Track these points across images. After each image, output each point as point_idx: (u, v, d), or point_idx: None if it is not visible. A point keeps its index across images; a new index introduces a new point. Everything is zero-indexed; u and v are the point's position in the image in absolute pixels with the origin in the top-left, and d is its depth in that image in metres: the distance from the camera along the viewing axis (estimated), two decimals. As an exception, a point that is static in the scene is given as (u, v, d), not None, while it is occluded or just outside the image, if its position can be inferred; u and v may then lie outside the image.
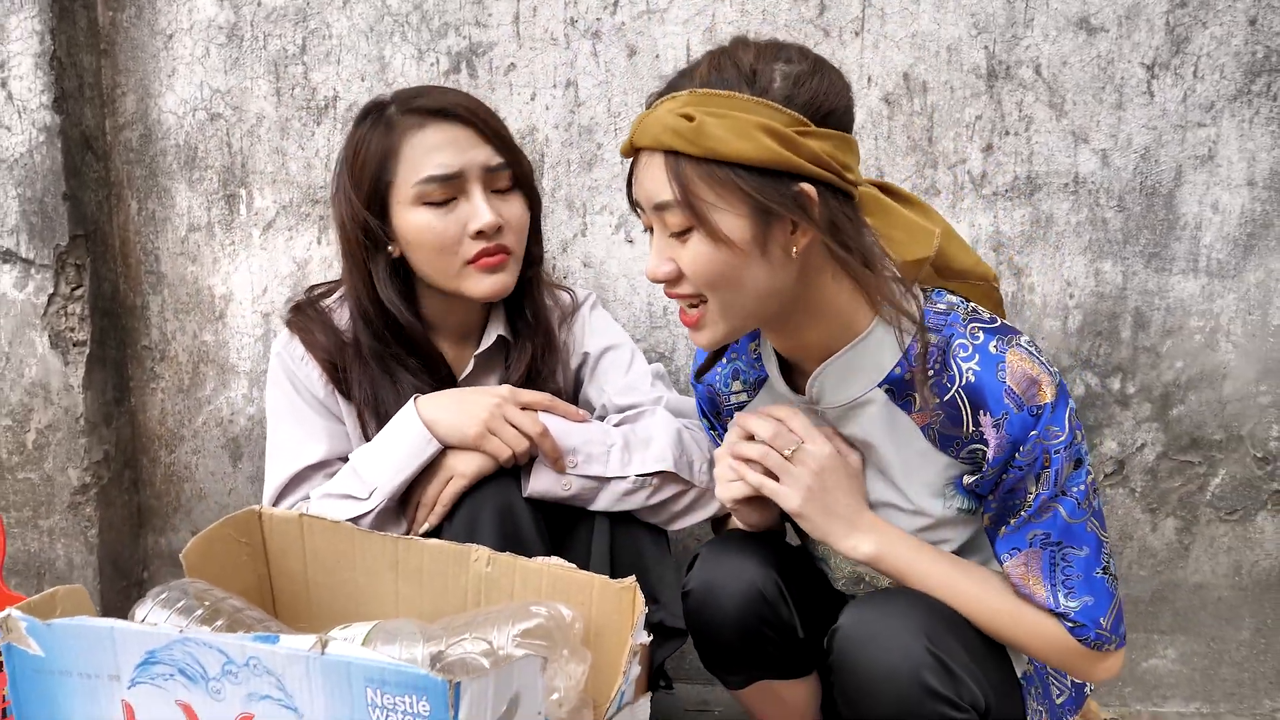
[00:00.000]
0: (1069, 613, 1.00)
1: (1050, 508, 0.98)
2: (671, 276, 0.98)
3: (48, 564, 1.75)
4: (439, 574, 1.12)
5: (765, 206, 0.91)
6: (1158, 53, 1.51)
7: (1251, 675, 1.64)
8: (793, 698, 1.22)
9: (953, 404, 0.99)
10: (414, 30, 1.62)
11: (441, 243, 1.20)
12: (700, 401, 1.28)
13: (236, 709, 0.83)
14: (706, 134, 0.89)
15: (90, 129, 1.67)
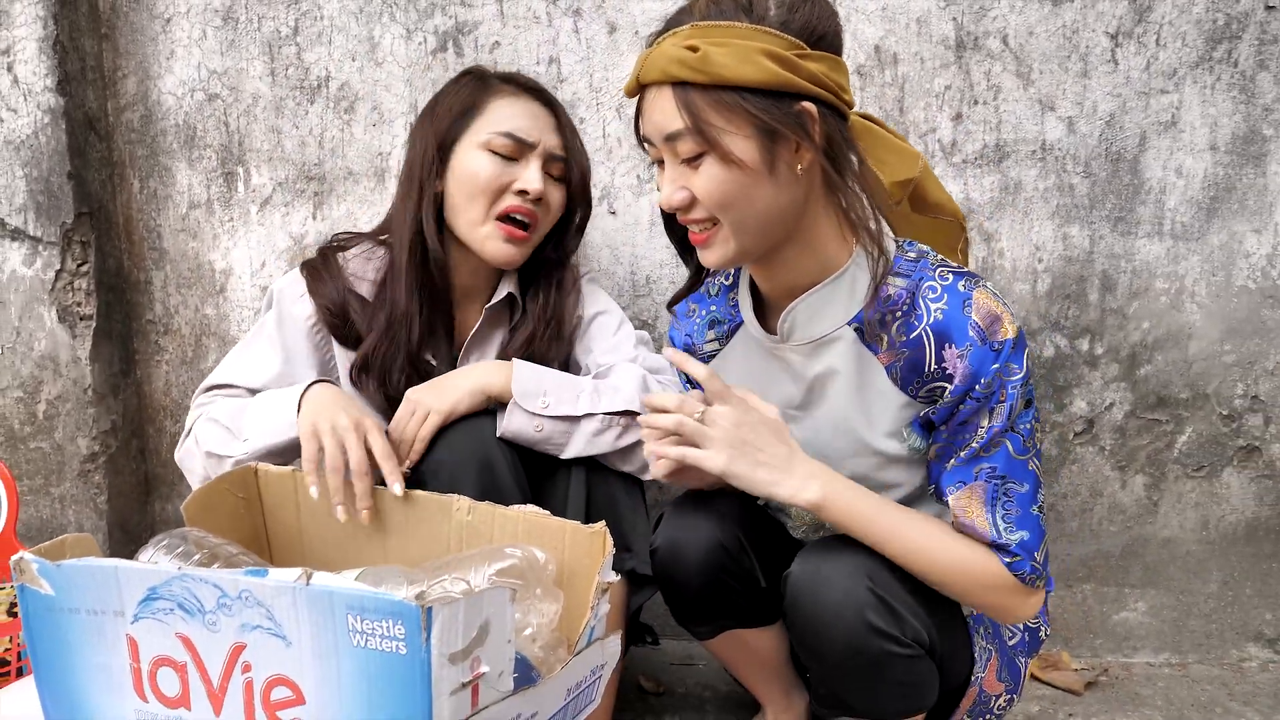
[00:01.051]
0: (1009, 544, 1.05)
1: (1000, 443, 1.04)
2: (685, 203, 1.04)
3: (59, 530, 1.82)
4: (424, 522, 1.18)
5: (770, 126, 0.98)
6: (1121, 22, 1.55)
7: (1219, 626, 1.70)
8: (760, 645, 1.28)
9: (918, 341, 1.05)
10: (402, 10, 1.68)
11: (485, 185, 1.30)
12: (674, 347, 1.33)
13: (231, 639, 0.89)
14: (712, 62, 0.95)
15: (93, 110, 1.74)
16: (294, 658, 0.85)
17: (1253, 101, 1.56)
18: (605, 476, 1.27)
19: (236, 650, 0.88)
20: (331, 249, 1.42)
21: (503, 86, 1.36)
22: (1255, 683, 1.61)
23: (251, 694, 0.88)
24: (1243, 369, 1.63)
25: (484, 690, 0.86)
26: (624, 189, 1.69)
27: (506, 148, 1.31)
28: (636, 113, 1.06)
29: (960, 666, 1.17)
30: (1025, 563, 1.05)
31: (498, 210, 1.32)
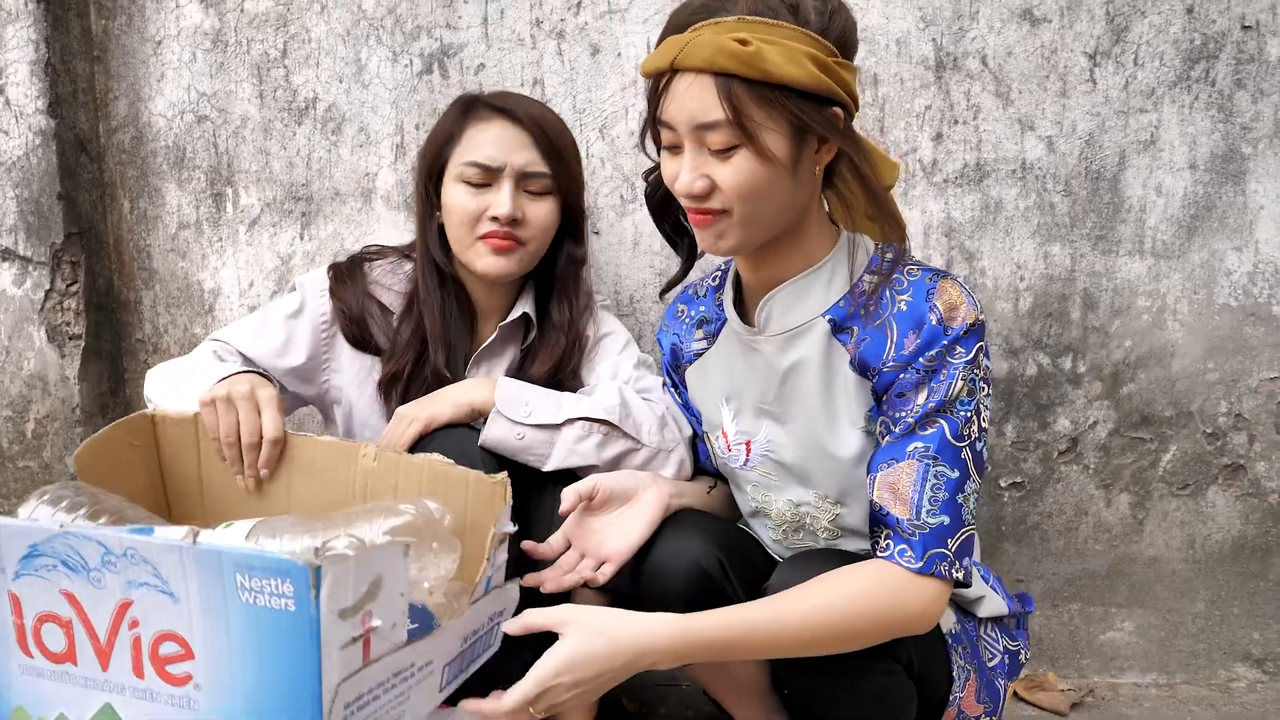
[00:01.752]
0: (924, 527, 1.02)
1: (935, 422, 1.03)
2: (705, 191, 1.05)
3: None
4: (329, 469, 1.18)
5: (805, 125, 1.01)
6: (1099, 41, 1.57)
7: (1206, 646, 1.68)
8: (740, 670, 1.27)
9: (880, 329, 1.07)
10: (388, 33, 1.70)
11: (463, 217, 1.35)
12: (665, 358, 1.35)
13: (117, 596, 0.89)
14: (764, 58, 0.97)
15: (84, 132, 1.76)
16: (182, 614, 0.86)
17: (1231, 120, 1.56)
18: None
19: (123, 607, 0.89)
20: (360, 258, 1.48)
21: (478, 113, 1.38)
22: (1243, 703, 1.60)
23: (139, 649, 0.89)
24: (1226, 387, 1.63)
25: (376, 643, 0.88)
26: (607, 209, 1.70)
27: (476, 176, 1.35)
28: (657, 94, 1.04)
29: (938, 685, 1.16)
30: (933, 545, 1.02)
31: (478, 234, 1.36)
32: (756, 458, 1.23)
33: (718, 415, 1.27)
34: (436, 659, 0.97)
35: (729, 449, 1.26)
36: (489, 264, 1.36)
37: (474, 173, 1.35)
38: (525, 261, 1.39)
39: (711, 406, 1.27)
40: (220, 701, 0.86)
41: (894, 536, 1.03)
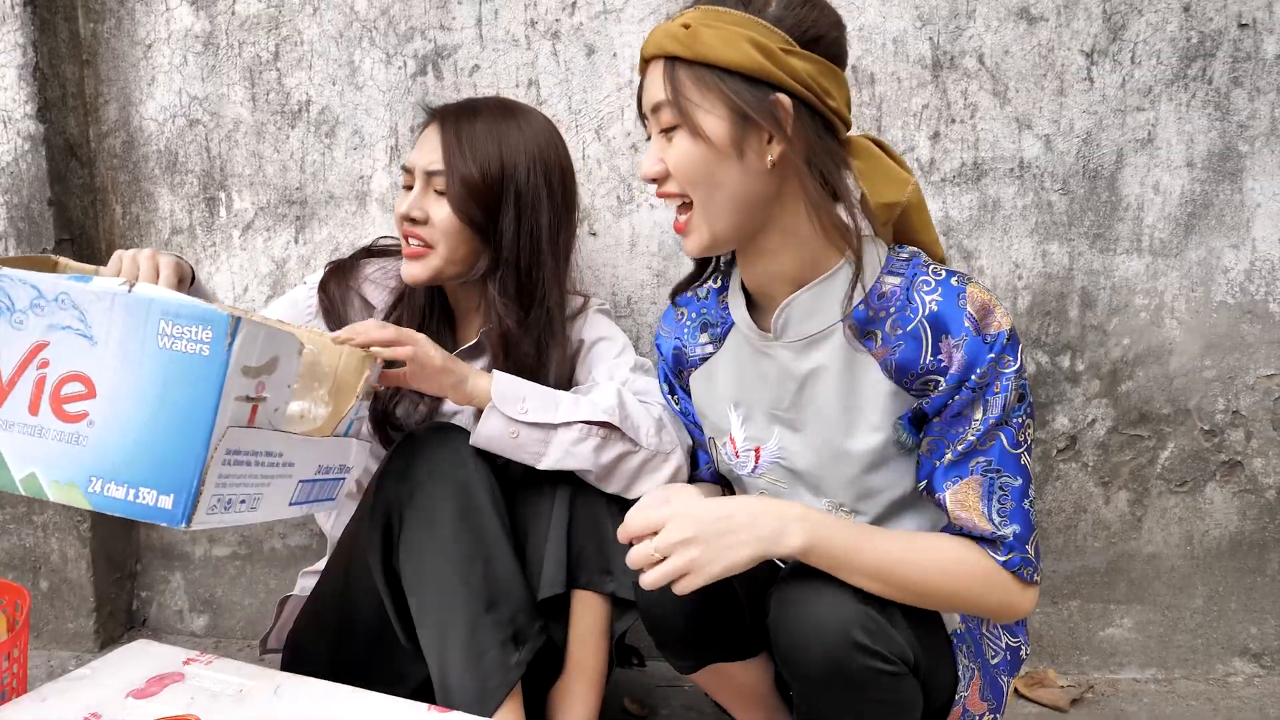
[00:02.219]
0: (1005, 537, 1.05)
1: (995, 436, 1.04)
2: (659, 175, 1.08)
3: (42, 558, 1.81)
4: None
5: (742, 110, 1.01)
6: (1096, 40, 1.56)
7: (1204, 641, 1.69)
8: (744, 678, 1.27)
9: (915, 334, 1.06)
10: (381, 35, 1.69)
11: (397, 218, 1.38)
12: (662, 355, 1.33)
13: (33, 338, 0.94)
14: (699, 40, 1.01)
15: (74, 137, 1.74)
16: (95, 357, 0.92)
17: (1228, 118, 1.56)
18: (591, 498, 1.27)
19: (37, 348, 0.94)
20: (364, 252, 1.51)
21: (430, 118, 1.40)
22: (1241, 698, 1.61)
23: (41, 388, 0.94)
24: (1223, 384, 1.63)
25: (260, 413, 0.97)
26: (604, 210, 1.69)
27: (406, 180, 1.38)
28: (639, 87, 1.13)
29: (944, 685, 1.16)
30: (1018, 555, 1.06)
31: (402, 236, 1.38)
32: (766, 464, 1.22)
33: (725, 421, 1.25)
34: (296, 466, 1.07)
35: (737, 455, 1.24)
36: (405, 269, 1.37)
37: (404, 177, 1.38)
38: (433, 266, 1.34)
39: (718, 412, 1.26)
40: (112, 436, 0.92)
41: (986, 545, 1.07)
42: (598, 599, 1.28)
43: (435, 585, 1.20)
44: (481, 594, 1.18)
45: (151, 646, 1.29)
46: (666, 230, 1.68)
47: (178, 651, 1.27)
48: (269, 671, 1.22)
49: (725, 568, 1.00)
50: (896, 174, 1.13)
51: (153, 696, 1.14)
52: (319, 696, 1.14)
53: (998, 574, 1.06)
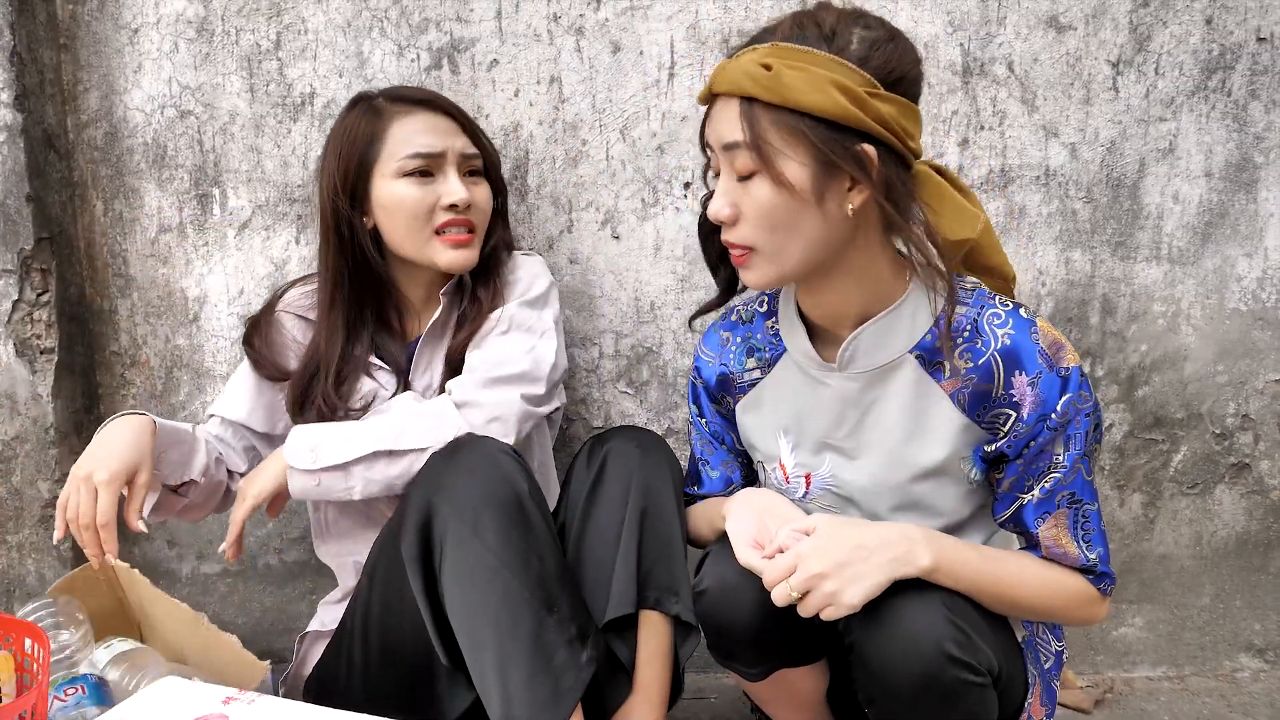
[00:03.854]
0: (1095, 564, 1.09)
1: (1077, 469, 1.07)
2: (730, 219, 1.03)
3: (17, 580, 1.68)
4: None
5: (827, 158, 0.97)
6: (1122, 50, 1.58)
7: (1213, 639, 1.74)
8: (805, 685, 1.25)
9: (986, 367, 1.05)
10: (393, 25, 1.60)
11: (416, 211, 1.32)
12: (700, 377, 1.29)
13: None
14: (783, 83, 0.95)
15: (52, 127, 1.61)
16: None
17: (1245, 130, 1.60)
18: (663, 518, 1.24)
19: None
20: (275, 297, 1.47)
21: (395, 108, 1.35)
22: (1250, 693, 1.66)
23: None
24: (1234, 389, 1.67)
25: None
26: (627, 213, 1.64)
27: (419, 166, 1.32)
28: (704, 120, 1.07)
29: (1016, 693, 1.16)
30: (1108, 577, 1.10)
31: (434, 227, 1.33)
32: (817, 490, 1.21)
33: (774, 447, 1.23)
34: None
35: (788, 481, 1.23)
36: (453, 258, 1.34)
37: (418, 163, 1.32)
38: (478, 248, 1.38)
39: (768, 439, 1.24)
40: None
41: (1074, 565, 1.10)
42: (665, 620, 1.24)
43: (490, 591, 1.13)
44: (540, 594, 1.13)
45: (181, 684, 1.20)
46: (691, 234, 1.64)
47: (212, 689, 1.18)
48: (316, 709, 1.14)
49: (864, 595, 0.99)
50: (965, 209, 1.10)
51: (200, 742, 1.06)
52: (385, 736, 1.07)
53: (1088, 592, 1.10)
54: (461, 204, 1.33)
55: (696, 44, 1.59)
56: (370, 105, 1.36)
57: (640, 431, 1.35)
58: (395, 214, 1.33)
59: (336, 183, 1.34)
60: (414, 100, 1.36)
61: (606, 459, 1.28)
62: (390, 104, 1.35)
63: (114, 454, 1.20)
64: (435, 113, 1.36)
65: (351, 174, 1.34)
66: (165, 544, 1.79)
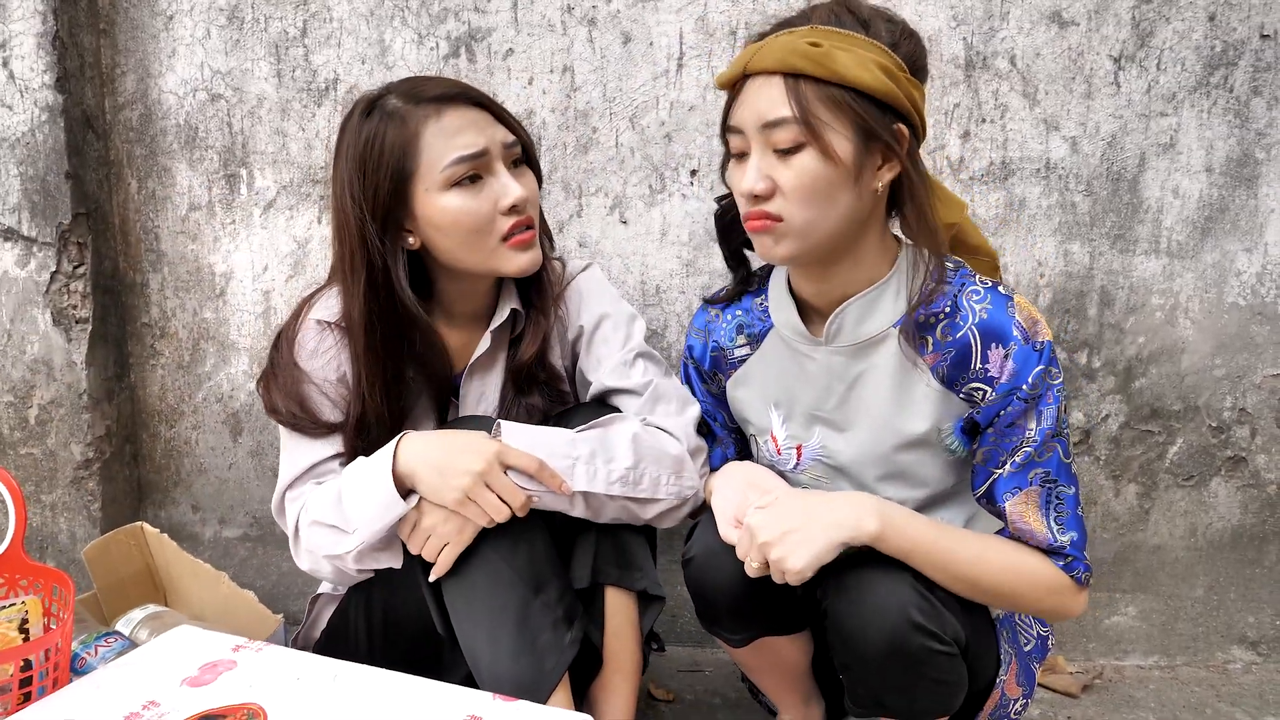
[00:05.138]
0: (1064, 546, 1.10)
1: (1052, 447, 1.09)
2: (768, 191, 1.06)
3: (50, 538, 1.78)
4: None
5: (871, 131, 1.03)
6: (1124, 45, 1.60)
7: (1205, 630, 1.76)
8: (789, 653, 1.30)
9: (964, 341, 1.10)
10: (414, 15, 1.67)
11: (476, 223, 1.19)
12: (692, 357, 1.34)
13: None
14: (834, 59, 1.00)
15: (91, 108, 1.69)
16: None
17: (1246, 126, 1.61)
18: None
19: None
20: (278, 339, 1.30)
21: (420, 110, 1.18)
22: (1241, 684, 1.68)
23: None
24: (1231, 382, 1.69)
25: None
26: (635, 199, 1.69)
27: (469, 172, 1.18)
28: (729, 103, 1.10)
29: (987, 668, 1.20)
30: (1079, 562, 1.11)
31: (499, 235, 1.21)
32: (808, 461, 1.25)
33: (765, 420, 1.28)
34: None
35: (779, 453, 1.27)
36: (524, 262, 1.23)
37: (464, 169, 1.17)
38: (539, 243, 1.27)
39: (758, 412, 1.28)
40: None
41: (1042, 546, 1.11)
42: (628, 595, 1.28)
43: (481, 572, 1.19)
44: (528, 577, 1.18)
45: (196, 632, 1.28)
46: (697, 220, 1.69)
47: (224, 638, 1.25)
48: (322, 659, 1.21)
49: (810, 560, 1.04)
50: (950, 195, 1.19)
51: (208, 684, 1.12)
52: (380, 684, 1.13)
53: (1058, 579, 1.11)
54: (521, 202, 1.20)
55: (705, 35, 1.64)
56: (388, 111, 1.18)
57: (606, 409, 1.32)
58: (452, 231, 1.20)
59: (364, 209, 1.18)
60: (438, 97, 1.19)
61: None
62: (412, 106, 1.18)
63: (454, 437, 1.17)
64: (465, 106, 1.20)
65: (385, 195, 1.18)
66: (190, 509, 1.87)
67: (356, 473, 1.17)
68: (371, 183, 1.18)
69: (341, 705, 1.10)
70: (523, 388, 1.33)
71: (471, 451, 1.13)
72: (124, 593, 1.60)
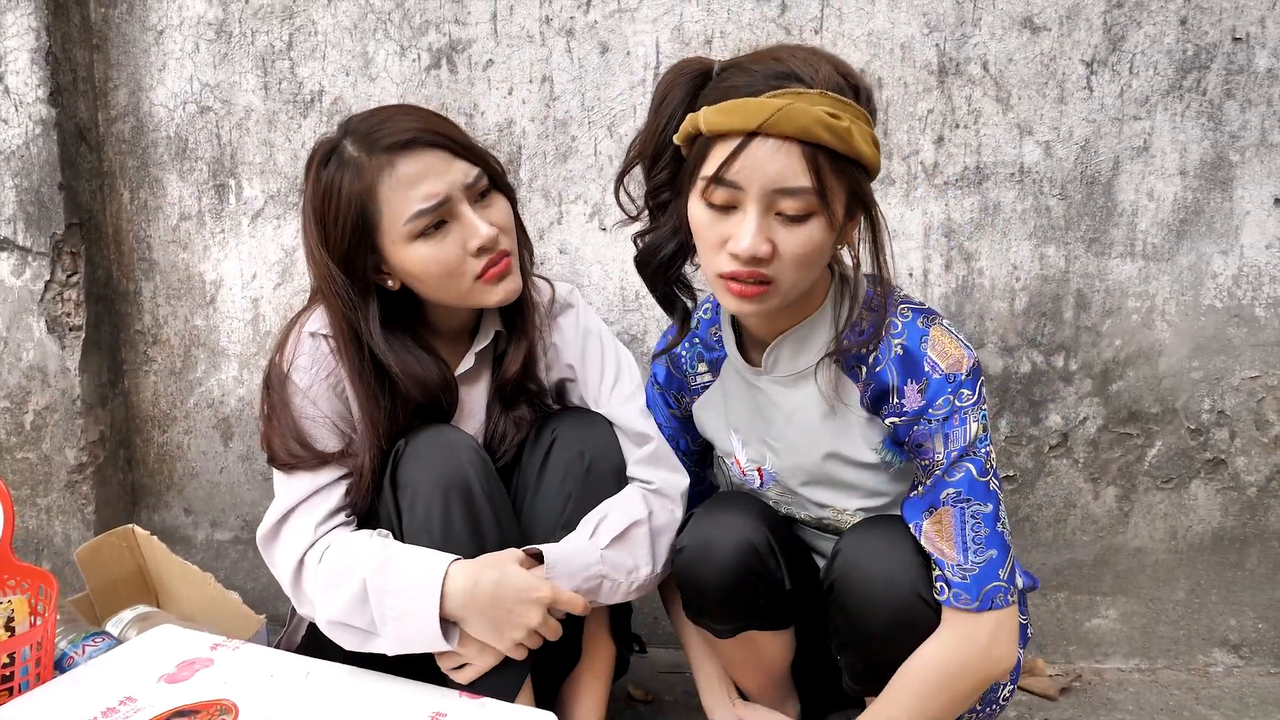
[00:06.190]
0: (975, 568, 1.08)
1: (962, 467, 1.09)
2: (768, 255, 1.04)
3: (45, 541, 1.82)
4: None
5: (859, 197, 1.05)
6: (1096, 50, 1.61)
7: (1186, 633, 1.76)
8: (772, 649, 1.32)
9: (884, 375, 1.13)
10: (396, 27, 1.70)
11: (445, 269, 1.18)
12: (657, 383, 1.39)
13: None
14: (854, 137, 1.01)
15: (84, 121, 1.74)
16: None
17: (1220, 129, 1.62)
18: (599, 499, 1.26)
19: None
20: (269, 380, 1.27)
21: (375, 161, 1.15)
22: (1221, 687, 1.68)
23: None
24: (1209, 385, 1.69)
25: None
26: (614, 206, 1.71)
27: (431, 221, 1.16)
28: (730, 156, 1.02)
29: None
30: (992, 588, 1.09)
31: (473, 275, 1.20)
32: (769, 481, 1.29)
33: (728, 444, 1.32)
34: None
35: (744, 474, 1.32)
36: (501, 294, 1.22)
37: (427, 220, 1.16)
38: (517, 267, 1.26)
39: (722, 436, 1.33)
40: None
41: (949, 582, 1.09)
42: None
43: None
44: None
45: (176, 631, 1.31)
46: (675, 227, 1.71)
47: (204, 636, 1.29)
48: (297, 658, 1.24)
49: None
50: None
51: (184, 681, 1.16)
52: (350, 681, 1.17)
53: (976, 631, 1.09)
54: (489, 242, 1.18)
55: (680, 45, 1.66)
56: (345, 160, 1.17)
57: (584, 413, 1.34)
58: (425, 277, 1.20)
59: (329, 260, 1.18)
60: (392, 145, 1.15)
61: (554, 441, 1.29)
62: (367, 155, 1.15)
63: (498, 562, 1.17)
64: (420, 150, 1.16)
65: (348, 247, 1.18)
66: (183, 512, 1.91)
67: (393, 589, 1.12)
68: (332, 235, 1.18)
69: (312, 701, 1.13)
70: (509, 402, 1.34)
71: (526, 604, 1.13)
72: (116, 594, 1.64)
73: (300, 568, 1.19)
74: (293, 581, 1.20)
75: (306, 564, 1.19)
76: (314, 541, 1.19)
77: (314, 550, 1.18)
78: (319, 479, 1.23)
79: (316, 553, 1.18)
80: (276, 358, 1.26)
